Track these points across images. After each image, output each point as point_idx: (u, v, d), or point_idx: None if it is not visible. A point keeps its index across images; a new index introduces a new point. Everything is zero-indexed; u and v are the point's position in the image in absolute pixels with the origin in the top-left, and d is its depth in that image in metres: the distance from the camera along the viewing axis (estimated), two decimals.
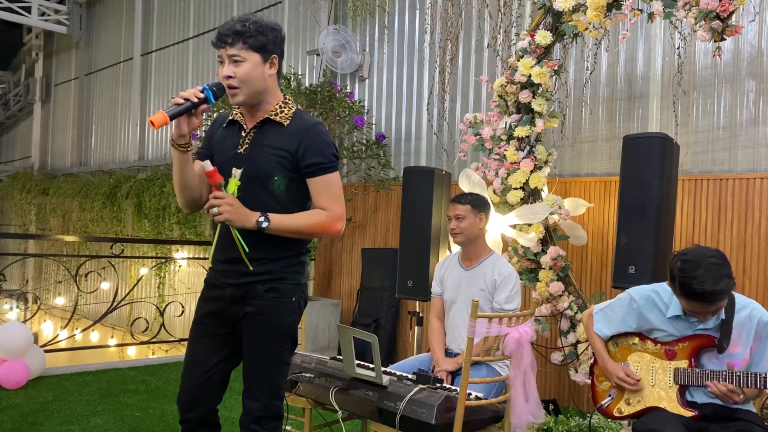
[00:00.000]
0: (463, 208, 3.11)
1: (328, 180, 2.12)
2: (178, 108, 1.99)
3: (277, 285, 2.12)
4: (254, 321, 2.12)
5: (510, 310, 2.92)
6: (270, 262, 2.12)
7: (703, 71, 4.17)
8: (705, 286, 2.16)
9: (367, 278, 5.81)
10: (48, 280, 11.25)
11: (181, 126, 2.04)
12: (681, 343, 2.40)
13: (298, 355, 2.85)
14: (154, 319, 6.91)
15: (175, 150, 2.08)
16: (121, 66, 11.01)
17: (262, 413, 2.11)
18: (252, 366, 2.15)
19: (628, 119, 4.50)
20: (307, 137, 2.10)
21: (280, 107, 2.15)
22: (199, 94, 2.02)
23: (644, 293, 2.50)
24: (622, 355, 2.55)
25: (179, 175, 2.13)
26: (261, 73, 2.07)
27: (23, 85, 14.12)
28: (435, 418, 2.25)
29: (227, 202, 2.01)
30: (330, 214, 2.11)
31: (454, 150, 5.36)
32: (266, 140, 2.12)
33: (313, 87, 5.90)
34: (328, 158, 2.11)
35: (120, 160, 10.78)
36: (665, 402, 2.40)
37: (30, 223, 12.25)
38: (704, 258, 2.20)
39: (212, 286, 2.21)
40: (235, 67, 2.04)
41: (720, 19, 3.25)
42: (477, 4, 5.44)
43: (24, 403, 4.18)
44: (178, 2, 9.59)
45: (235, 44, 2.03)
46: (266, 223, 2.03)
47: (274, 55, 2.10)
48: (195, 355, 2.22)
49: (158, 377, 5.07)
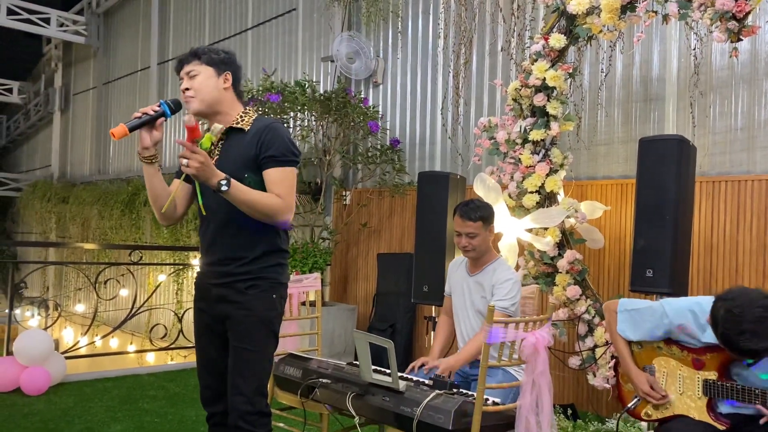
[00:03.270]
0: (474, 226, 3.00)
1: (283, 172, 2.24)
2: (137, 121, 2.18)
3: (257, 282, 2.26)
4: (237, 317, 2.25)
5: (503, 308, 2.89)
6: (249, 262, 2.26)
7: (720, 72, 4.13)
8: (752, 344, 2.05)
9: (383, 283, 5.81)
10: (68, 288, 11.38)
11: (143, 139, 2.21)
12: (709, 352, 2.32)
13: (315, 361, 2.86)
14: (172, 326, 6.97)
15: (143, 163, 2.26)
16: (138, 75, 11.14)
17: (247, 408, 2.21)
18: (236, 362, 2.26)
19: (644, 121, 4.47)
20: (264, 134, 2.24)
21: (241, 117, 2.32)
22: (156, 108, 2.21)
23: (680, 311, 2.36)
24: (647, 357, 2.50)
25: (149, 186, 2.31)
26: (214, 85, 2.27)
27: (43, 95, 14.34)
28: (452, 424, 2.25)
29: (198, 158, 2.09)
30: (283, 202, 2.22)
31: (469, 154, 5.36)
32: (233, 147, 2.29)
33: (327, 93, 5.92)
34: (281, 152, 2.24)
35: (138, 168, 10.88)
36: (694, 412, 2.34)
37: (50, 232, 12.41)
38: (751, 308, 2.05)
39: (199, 288, 2.39)
40: (191, 80, 2.26)
41: (736, 19, 3.22)
42: (490, 8, 5.44)
43: (45, 410, 4.23)
44: (193, 12, 9.69)
45: (191, 62, 2.28)
46: (227, 186, 2.12)
47: (227, 72, 2.30)
48: (206, 354, 2.39)
49: (177, 383, 5.10)
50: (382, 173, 6.05)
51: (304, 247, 5.78)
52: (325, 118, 5.97)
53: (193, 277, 2.45)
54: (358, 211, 6.27)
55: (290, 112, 5.89)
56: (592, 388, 3.99)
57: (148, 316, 7.80)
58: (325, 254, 5.87)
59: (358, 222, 6.26)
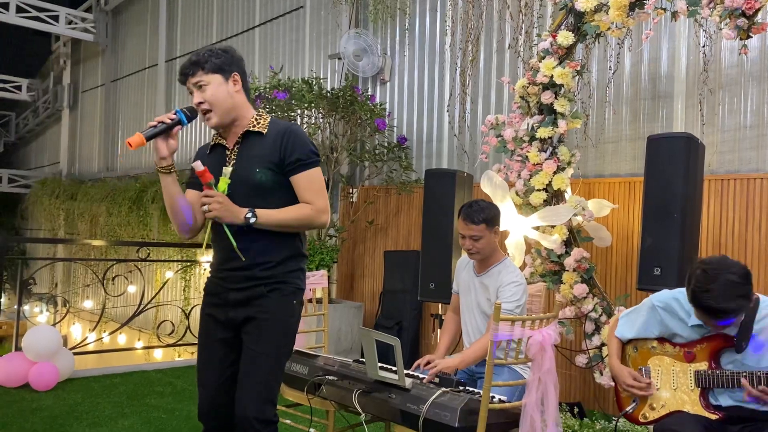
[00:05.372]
0: (478, 228, 2.97)
1: (310, 175, 2.23)
2: (153, 130, 2.14)
3: (280, 286, 2.22)
4: (257, 321, 2.20)
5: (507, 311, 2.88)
6: (273, 267, 2.22)
7: (729, 70, 4.11)
8: (715, 302, 2.13)
9: (390, 281, 5.81)
10: (76, 284, 11.45)
11: (160, 149, 2.18)
12: (699, 344, 2.37)
13: (321, 358, 2.87)
14: (179, 322, 6.99)
15: (160, 174, 2.22)
16: (146, 72, 11.18)
17: (255, 415, 2.15)
18: (250, 366, 2.20)
19: (652, 119, 4.45)
20: (286, 138, 2.22)
21: (256, 119, 2.28)
22: (172, 116, 2.18)
23: (665, 300, 2.46)
24: (642, 359, 2.53)
25: (168, 197, 2.25)
26: (226, 91, 2.22)
27: (51, 92, 14.41)
28: (458, 421, 2.25)
29: (217, 200, 2.11)
30: (314, 207, 2.22)
31: (476, 152, 5.35)
32: (251, 151, 2.25)
33: (334, 91, 5.92)
34: (306, 155, 2.22)
35: (146, 165, 10.93)
36: (688, 405, 2.37)
37: (59, 228, 12.48)
38: (724, 272, 2.14)
39: (212, 293, 2.31)
40: (202, 93, 2.20)
41: (746, 16, 3.20)
42: (498, 6, 5.42)
43: (54, 405, 4.26)
44: (201, 9, 9.71)
45: (195, 73, 2.20)
46: (254, 218, 2.13)
47: (234, 73, 2.25)
48: (210, 361, 2.30)
49: (184, 379, 5.12)
50: (389, 171, 6.05)
51: (311, 244, 5.79)
52: (332, 115, 5.97)
53: (201, 274, 2.47)
54: (364, 208, 6.27)
55: (297, 109, 5.89)
56: (598, 386, 3.98)
57: (156, 312, 7.83)
58: (332, 251, 5.88)
59: (364, 219, 6.26)
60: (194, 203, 2.26)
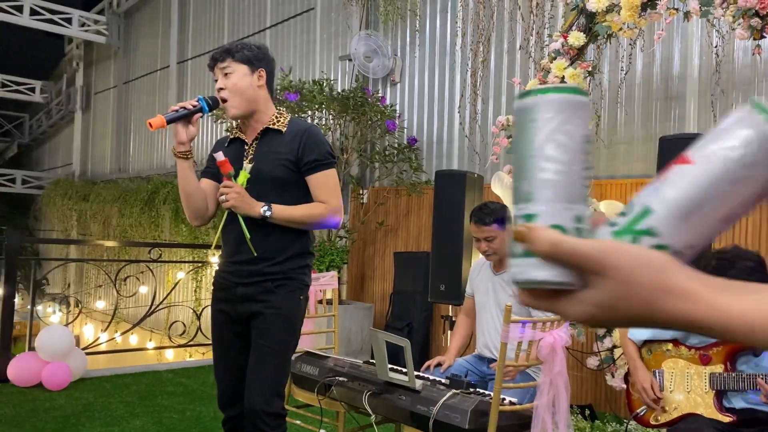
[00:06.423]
0: (490, 229, 2.99)
1: (325, 176, 2.28)
2: (175, 114, 2.19)
3: (286, 282, 2.26)
4: (264, 316, 2.24)
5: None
6: (280, 263, 2.26)
7: (743, 70, 4.07)
8: None
9: (400, 282, 5.81)
10: (89, 284, 11.53)
11: (179, 134, 2.22)
12: (715, 347, 2.36)
13: (332, 359, 2.87)
14: (191, 323, 7.02)
15: (177, 159, 2.26)
16: (158, 74, 11.25)
17: (263, 408, 2.19)
18: (257, 360, 2.24)
19: (664, 120, 4.42)
20: (304, 139, 2.26)
21: (276, 117, 2.33)
22: (194, 103, 2.22)
23: None
24: (656, 362, 2.51)
25: (183, 183, 2.30)
26: (249, 83, 2.27)
27: (64, 94, 14.53)
28: (468, 423, 2.24)
29: (235, 191, 2.17)
30: (329, 206, 2.26)
31: (487, 153, 5.33)
32: (269, 147, 2.29)
33: (345, 92, 5.93)
34: (324, 156, 2.27)
35: (157, 166, 11.00)
36: (702, 408, 2.35)
37: (71, 229, 12.57)
38: (739, 260, 2.16)
39: (221, 287, 2.35)
40: (226, 79, 2.25)
41: (759, 16, 3.17)
42: (509, 6, 5.41)
43: (66, 404, 4.29)
44: (212, 11, 9.76)
45: (225, 59, 2.26)
46: (269, 211, 2.17)
47: (261, 68, 2.29)
48: (225, 354, 2.36)
49: (195, 380, 5.14)
50: (399, 172, 6.05)
51: (321, 245, 5.80)
52: (343, 116, 5.98)
53: (212, 275, 2.46)
54: (375, 209, 6.27)
55: (308, 110, 5.91)
56: (610, 388, 3.95)
57: (167, 313, 7.86)
58: (342, 253, 5.88)
59: (375, 220, 6.26)
60: (208, 192, 2.33)
